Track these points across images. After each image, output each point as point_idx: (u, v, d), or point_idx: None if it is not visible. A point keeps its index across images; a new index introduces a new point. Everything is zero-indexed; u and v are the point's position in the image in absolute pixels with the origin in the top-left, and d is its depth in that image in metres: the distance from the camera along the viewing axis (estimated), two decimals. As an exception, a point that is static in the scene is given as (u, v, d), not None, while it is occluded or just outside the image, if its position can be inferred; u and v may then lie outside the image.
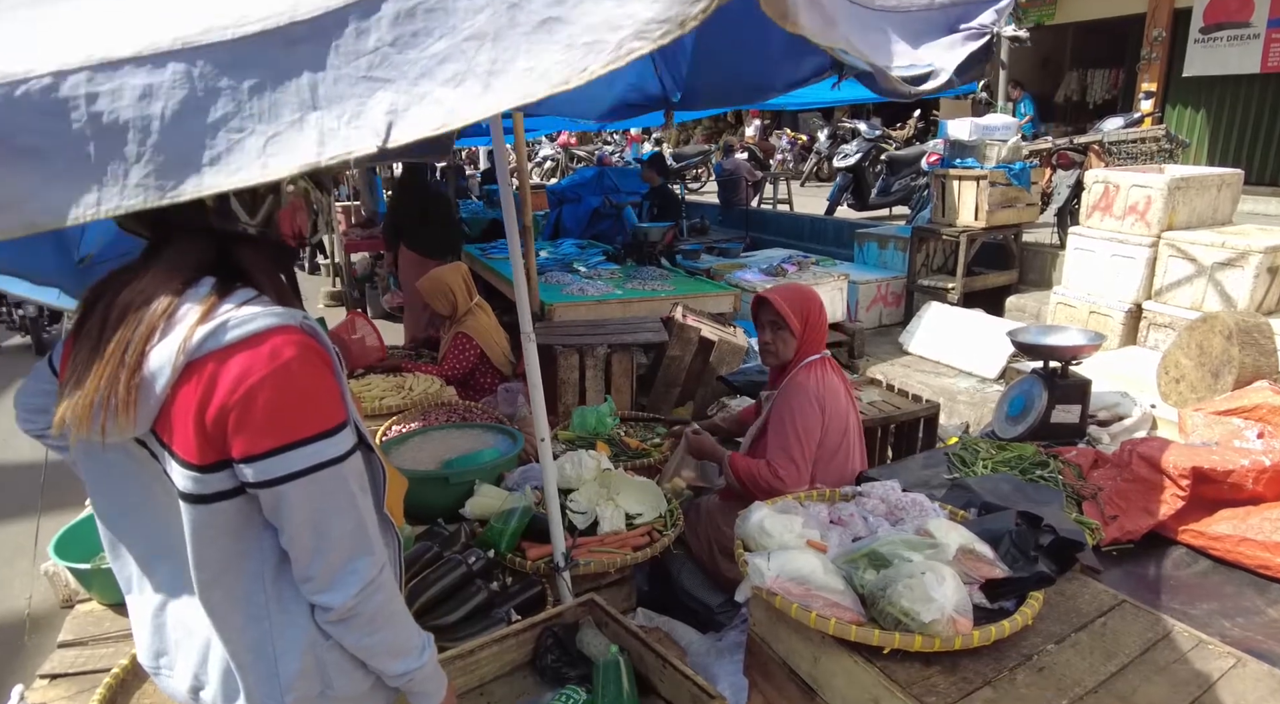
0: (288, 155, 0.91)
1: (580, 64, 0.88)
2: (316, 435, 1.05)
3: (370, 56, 0.91)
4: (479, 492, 2.61)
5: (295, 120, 0.91)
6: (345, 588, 1.10)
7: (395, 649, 1.20)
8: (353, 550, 1.10)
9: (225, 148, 0.90)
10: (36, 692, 1.99)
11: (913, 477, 2.52)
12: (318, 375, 1.06)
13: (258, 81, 0.91)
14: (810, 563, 1.64)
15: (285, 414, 1.03)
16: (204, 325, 1.02)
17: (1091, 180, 5.50)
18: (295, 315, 1.08)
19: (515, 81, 0.90)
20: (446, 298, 4.17)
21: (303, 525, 1.06)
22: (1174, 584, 1.98)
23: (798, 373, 2.62)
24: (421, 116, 0.91)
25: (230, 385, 1.00)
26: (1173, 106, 9.79)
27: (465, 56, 0.90)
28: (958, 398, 5.11)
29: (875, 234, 7.77)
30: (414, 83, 0.91)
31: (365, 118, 0.91)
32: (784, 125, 15.48)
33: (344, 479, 1.08)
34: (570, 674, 1.88)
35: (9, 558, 3.85)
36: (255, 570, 1.12)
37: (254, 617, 1.13)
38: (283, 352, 1.03)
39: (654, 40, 0.86)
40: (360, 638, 1.15)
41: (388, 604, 1.16)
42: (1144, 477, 2.18)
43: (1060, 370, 2.83)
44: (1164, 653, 1.61)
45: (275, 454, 1.02)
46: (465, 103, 0.90)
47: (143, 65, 0.90)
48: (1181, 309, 4.90)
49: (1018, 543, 1.77)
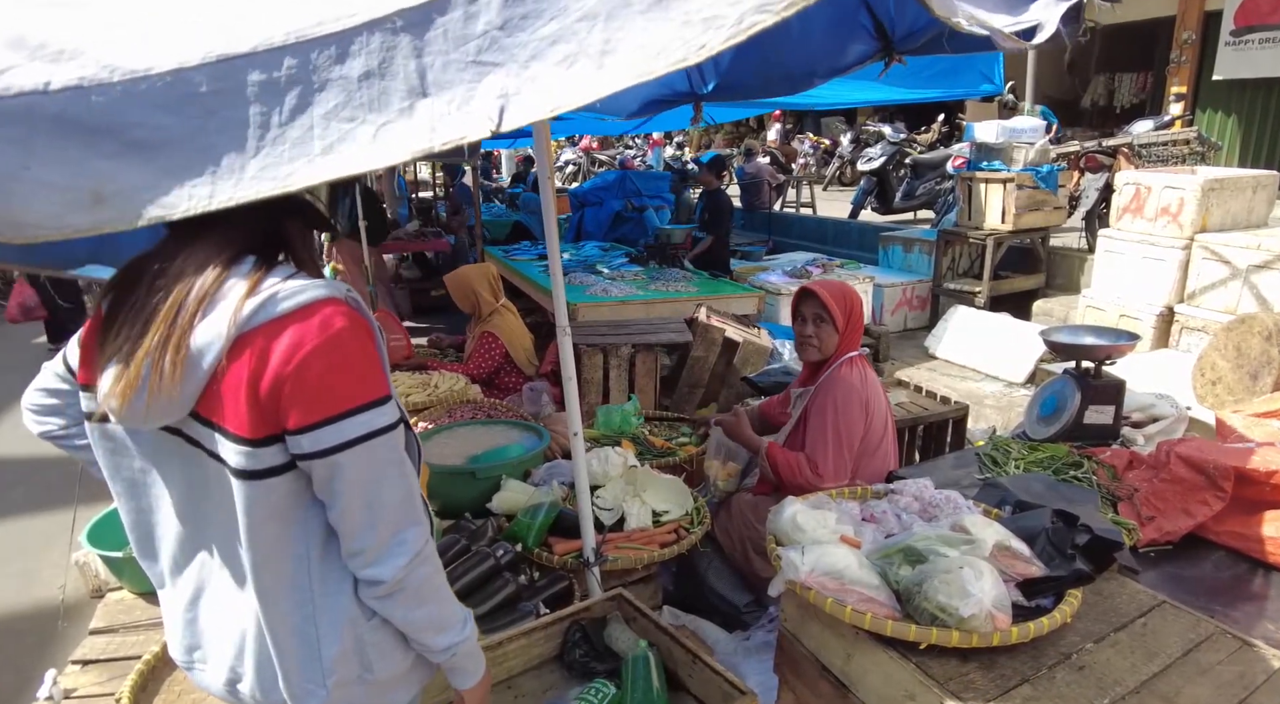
0: (399, 142, 0.91)
1: (698, 40, 0.87)
2: (369, 404, 1.06)
3: (479, 41, 0.91)
4: (505, 487, 2.61)
5: (405, 108, 0.92)
6: (396, 559, 1.10)
7: (441, 623, 1.20)
8: (403, 520, 1.10)
9: (338, 137, 0.92)
10: (69, 677, 2.01)
11: (943, 476, 2.48)
12: (366, 346, 1.07)
13: (367, 71, 0.92)
14: (845, 558, 1.62)
15: (339, 383, 1.03)
16: (253, 298, 1.02)
17: (1122, 182, 5.43)
18: (340, 287, 1.08)
19: (630, 60, 0.89)
20: (469, 296, 4.19)
21: (355, 496, 1.06)
22: (1215, 586, 1.94)
23: (839, 368, 2.60)
24: (534, 99, 0.91)
25: (284, 356, 1.00)
26: (1203, 110, 9.65)
27: (577, 37, 0.90)
28: (984, 402, 5.05)
29: (900, 237, 7.72)
30: (524, 66, 0.91)
31: (476, 103, 0.91)
32: (806, 129, 15.43)
33: (395, 448, 1.10)
34: (598, 669, 1.87)
35: (43, 547, 3.91)
36: (301, 552, 1.12)
37: (298, 600, 1.13)
38: (333, 322, 1.03)
39: (777, 13, 0.84)
40: (408, 611, 1.15)
41: (434, 576, 1.16)
42: (1183, 477, 2.14)
43: (1093, 370, 2.79)
44: (1207, 654, 1.57)
45: (330, 423, 1.03)
46: (578, 84, 0.90)
47: (259, 60, 0.92)
48: (1215, 312, 4.81)
49: (1054, 541, 1.74)
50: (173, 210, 0.92)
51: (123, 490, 1.19)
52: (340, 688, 1.16)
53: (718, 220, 7.20)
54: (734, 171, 11.96)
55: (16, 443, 5.16)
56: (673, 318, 4.69)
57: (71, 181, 0.91)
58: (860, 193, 9.77)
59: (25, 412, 1.31)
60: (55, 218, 0.91)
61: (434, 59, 0.92)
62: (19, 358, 7.63)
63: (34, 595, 3.49)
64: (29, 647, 3.12)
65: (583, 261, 6.67)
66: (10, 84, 0.90)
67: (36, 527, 4.13)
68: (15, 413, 4.75)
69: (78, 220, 0.91)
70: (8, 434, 5.34)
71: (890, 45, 2.47)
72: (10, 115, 0.90)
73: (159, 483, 1.15)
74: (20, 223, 0.91)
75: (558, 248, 2.16)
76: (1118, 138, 7.00)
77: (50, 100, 0.90)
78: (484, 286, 4.23)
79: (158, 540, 1.20)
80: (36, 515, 4.24)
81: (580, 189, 9.89)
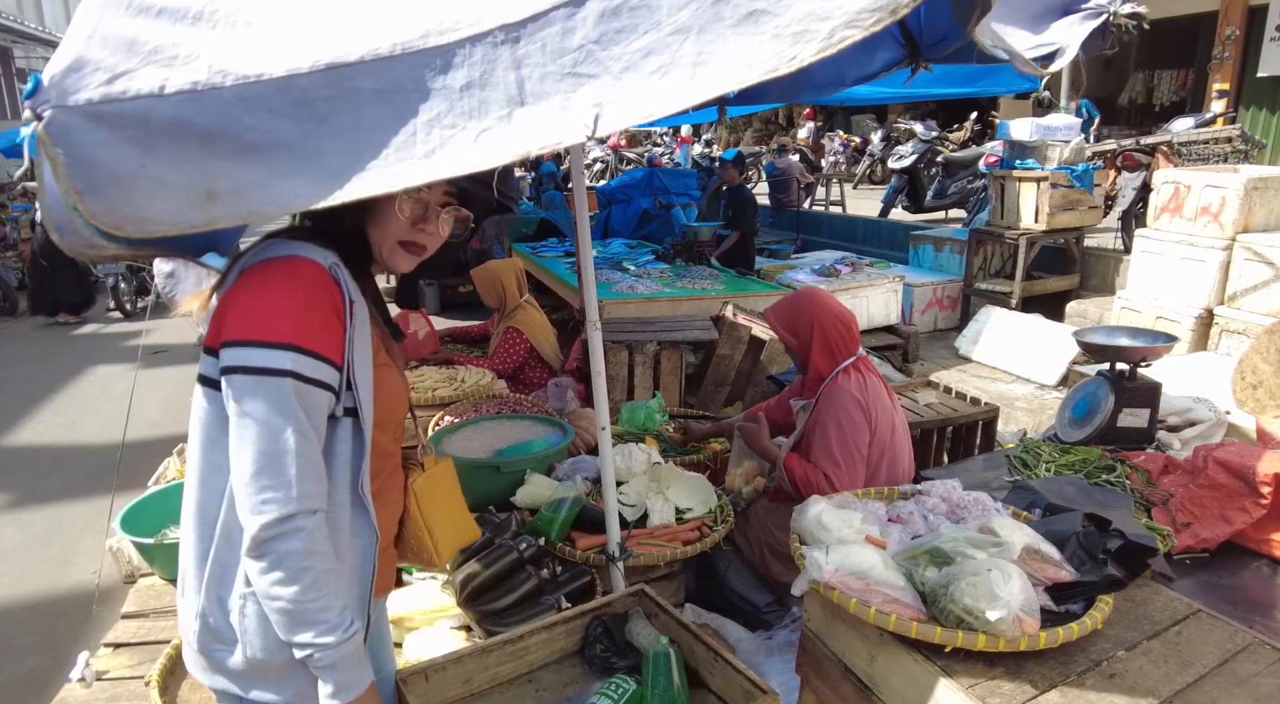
0: (499, 146, 0.97)
1: (789, 53, 0.91)
2: (284, 344, 1.10)
3: (575, 54, 0.97)
4: (529, 481, 2.62)
5: (504, 116, 0.98)
6: (256, 515, 1.08)
7: (302, 613, 1.12)
8: (274, 476, 1.09)
9: (439, 142, 0.98)
10: (101, 659, 2.06)
11: (972, 478, 2.45)
12: (314, 301, 1.15)
13: (468, 82, 0.98)
14: (870, 558, 1.60)
15: (264, 314, 1.12)
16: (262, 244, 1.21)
17: (1160, 181, 5.30)
18: (327, 257, 1.19)
19: (722, 71, 0.93)
20: (496, 290, 4.22)
21: (237, 427, 1.11)
22: (1253, 595, 1.89)
23: (836, 378, 2.55)
24: (627, 107, 0.96)
25: (243, 284, 1.16)
26: (1246, 107, 9.40)
27: (670, 50, 0.95)
28: (1015, 404, 4.97)
29: (931, 236, 7.62)
30: (618, 77, 0.96)
31: (572, 111, 0.96)
32: (836, 127, 15.29)
33: (292, 398, 1.10)
34: (619, 664, 1.87)
35: (80, 533, 4.00)
36: (220, 487, 1.17)
37: (205, 533, 1.18)
38: (295, 271, 1.16)
39: (866, 28, 0.89)
40: (270, 586, 1.11)
41: (307, 558, 1.11)
42: (1221, 483, 2.08)
43: (1128, 372, 2.73)
44: (1245, 665, 1.52)
45: (239, 345, 1.11)
46: (671, 93, 0.95)
47: (367, 69, 0.98)
48: (1257, 315, 4.68)
49: (1085, 545, 1.70)
50: (282, 208, 1.00)
51: None
52: (208, 636, 1.18)
53: (742, 216, 7.17)
54: (764, 168, 11.89)
55: (56, 431, 5.30)
56: (699, 315, 4.68)
57: (188, 180, 0.98)
58: (891, 191, 9.66)
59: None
60: (174, 214, 0.99)
61: (532, 71, 0.98)
62: (40, 349, 7.82)
63: (70, 579, 3.58)
64: (64, 629, 3.19)
65: (609, 259, 6.67)
66: (128, 88, 0.96)
67: (74, 512, 4.23)
68: (53, 402, 4.88)
69: (194, 216, 0.99)
70: (48, 421, 5.48)
71: (918, 52, 2.44)
72: (127, 117, 0.96)
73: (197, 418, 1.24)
74: (142, 218, 0.98)
75: (589, 244, 2.16)
76: (1156, 136, 6.85)
77: (165, 103, 0.97)
78: (511, 281, 4.26)
79: None
80: (74, 502, 4.34)
81: (608, 186, 9.88)
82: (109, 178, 0.96)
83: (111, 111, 0.95)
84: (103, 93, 0.95)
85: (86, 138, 0.95)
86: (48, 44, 21.29)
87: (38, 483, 4.63)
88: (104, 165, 0.95)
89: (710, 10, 0.93)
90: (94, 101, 0.95)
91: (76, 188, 0.95)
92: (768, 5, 0.92)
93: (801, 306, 2.66)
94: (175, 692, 1.87)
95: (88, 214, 0.96)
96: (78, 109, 0.95)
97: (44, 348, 7.78)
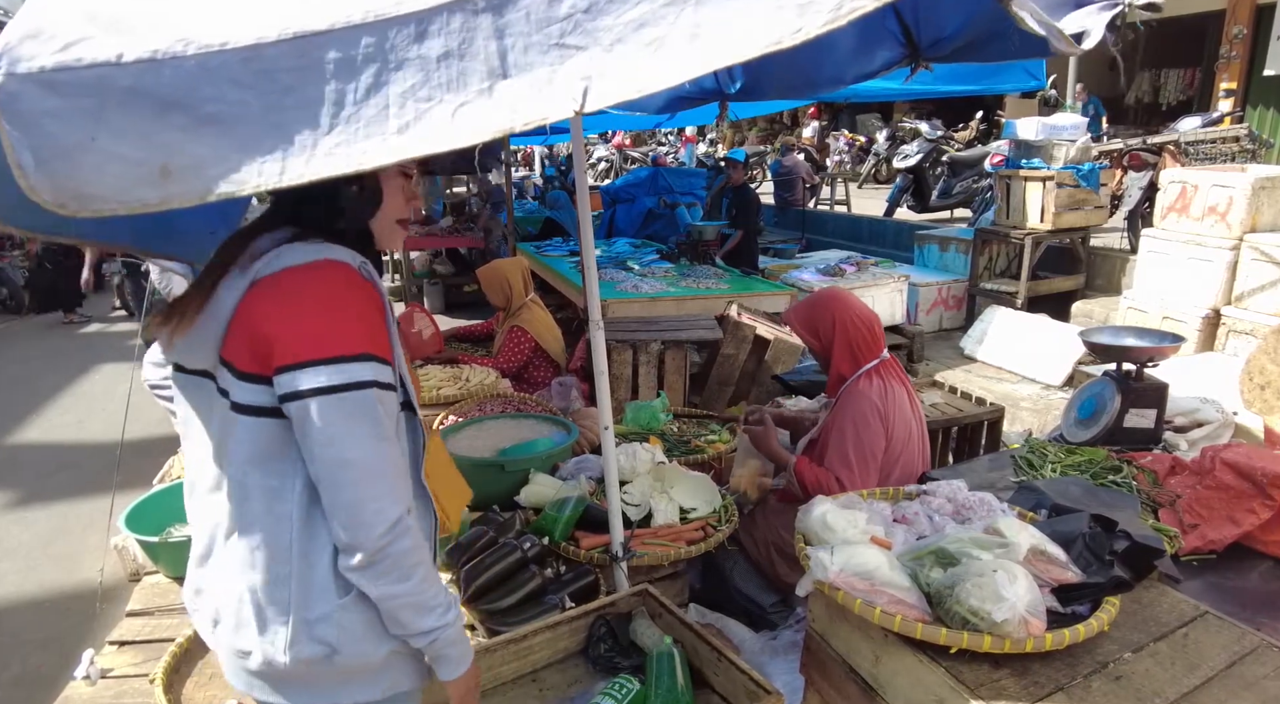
0: (479, 122, 0.91)
1: (794, 25, 0.86)
2: (347, 356, 1.07)
3: (562, 23, 0.91)
4: (534, 480, 2.62)
5: (484, 88, 0.92)
6: (372, 526, 1.09)
7: (421, 603, 1.16)
8: (377, 486, 1.10)
9: (414, 116, 0.92)
10: (106, 657, 2.06)
11: (978, 478, 2.44)
12: (361, 305, 1.12)
13: (446, 51, 0.92)
14: (875, 558, 1.59)
15: (322, 331, 1.07)
16: (274, 251, 1.11)
17: (1167, 180, 5.28)
18: (355, 257, 1.14)
19: (720, 44, 0.88)
20: (503, 289, 4.21)
21: (325, 447, 1.07)
22: (1261, 597, 1.88)
23: (858, 381, 2.52)
24: (618, 81, 0.90)
25: (279, 299, 1.08)
26: (1253, 106, 9.37)
27: (665, 21, 0.89)
28: (1020, 405, 4.95)
29: (936, 236, 7.60)
30: (608, 49, 0.90)
31: (558, 84, 0.90)
32: (841, 126, 15.27)
33: (371, 406, 1.09)
34: (623, 664, 1.86)
35: (85, 531, 4.01)
36: (284, 511, 1.14)
37: (278, 559, 1.14)
38: (333, 277, 1.10)
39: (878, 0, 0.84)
40: (386, 586, 1.13)
41: (415, 552, 1.14)
42: (1229, 484, 2.07)
43: (1135, 373, 2.72)
44: (1253, 668, 1.51)
45: (307, 366, 1.06)
46: (664, 67, 0.89)
47: (336, 38, 0.92)
48: (1265, 316, 4.66)
49: (1091, 546, 1.69)
50: (242, 186, 0.92)
51: (183, 434, 1.27)
52: (301, 661, 1.15)
53: (745, 215, 7.16)
54: (769, 167, 11.87)
55: (61, 429, 5.32)
56: (703, 315, 4.67)
57: (141, 155, 0.91)
58: (896, 190, 9.64)
59: (145, 364, 1.46)
60: (123, 190, 0.91)
61: (515, 40, 0.91)
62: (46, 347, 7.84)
63: (75, 577, 3.59)
64: (69, 627, 3.21)
65: (614, 258, 6.66)
66: (83, 55, 0.90)
67: (79, 510, 4.24)
68: (59, 401, 4.90)
69: (147, 194, 0.91)
70: (53, 420, 5.50)
71: (917, 52, 2.43)
72: (81, 86, 0.90)
73: (201, 430, 1.21)
74: (87, 195, 0.91)
75: (592, 244, 2.16)
76: (1163, 135, 6.82)
77: (122, 72, 0.90)
78: (517, 279, 4.25)
79: (195, 484, 1.25)
80: (79, 500, 4.35)
81: (612, 186, 9.89)
82: (56, 150, 0.89)
83: (65, 79, 0.89)
84: (56, 60, 0.90)
85: (36, 106, 0.89)
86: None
87: (43, 481, 4.64)
88: (52, 136, 0.89)
89: None
90: (47, 68, 0.89)
91: (20, 161, 0.88)
92: None
93: (823, 307, 2.61)
94: (180, 690, 1.87)
95: (28, 189, 0.89)
96: (30, 77, 0.89)
97: (49, 346, 7.81)
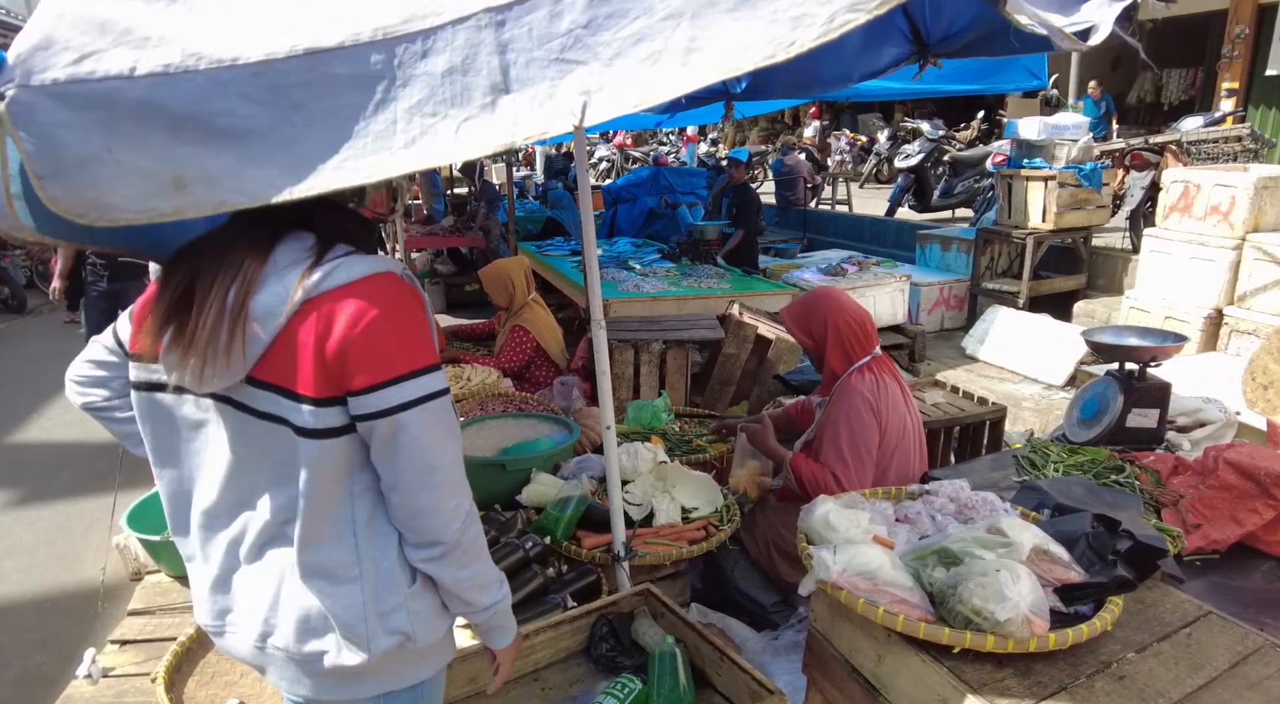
0: (481, 136, 0.94)
1: (787, 39, 0.88)
2: (427, 368, 1.12)
3: (563, 39, 0.94)
4: (535, 479, 2.62)
5: (487, 103, 0.94)
6: (452, 520, 1.15)
7: (484, 581, 1.24)
8: (457, 482, 1.16)
9: (420, 131, 0.94)
10: (107, 656, 2.06)
11: (980, 478, 2.43)
12: (420, 315, 1.14)
13: (450, 67, 0.95)
14: (878, 558, 1.59)
15: (402, 347, 1.09)
16: (319, 268, 1.07)
17: (1170, 180, 5.28)
18: (396, 264, 1.15)
19: (716, 58, 0.91)
20: (506, 289, 4.21)
21: (416, 456, 1.11)
22: (1265, 597, 1.87)
23: (851, 377, 2.53)
24: (617, 95, 0.93)
25: (350, 321, 1.05)
26: (1255, 106, 9.36)
27: (662, 35, 0.92)
28: (1022, 405, 4.95)
29: (938, 236, 7.60)
30: (608, 63, 0.93)
31: (559, 99, 0.93)
32: (843, 126, 15.26)
33: (449, 412, 1.16)
34: (625, 664, 1.86)
35: (87, 530, 4.02)
36: (348, 515, 1.16)
37: (346, 562, 1.16)
38: (394, 291, 1.10)
39: (869, 11, 0.86)
40: (458, 571, 1.19)
41: (480, 535, 1.22)
42: (1232, 484, 2.06)
43: (1137, 372, 2.71)
44: (1256, 668, 1.51)
45: (394, 383, 1.08)
46: (662, 80, 0.92)
47: (345, 55, 0.94)
48: (1268, 315, 4.66)
49: (1094, 546, 1.69)
50: (253, 198, 0.95)
51: (164, 460, 1.23)
52: (380, 654, 1.18)
53: (746, 214, 7.16)
54: (770, 167, 11.85)
55: (64, 428, 5.31)
56: (705, 314, 4.66)
57: (155, 166, 0.94)
58: (897, 190, 9.63)
59: (70, 383, 1.34)
60: (138, 200, 0.94)
61: (517, 56, 0.94)
62: (49, 346, 7.84)
63: (77, 577, 3.59)
64: (71, 626, 3.20)
65: (615, 258, 6.66)
66: (96, 68, 0.92)
67: (81, 510, 4.24)
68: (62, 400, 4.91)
69: (160, 204, 0.95)
70: (55, 419, 5.49)
71: (925, 49, 2.43)
72: (94, 98, 0.92)
73: (203, 450, 1.18)
74: (104, 204, 0.94)
75: (594, 243, 2.15)
76: (1165, 135, 6.81)
77: (134, 85, 0.92)
78: (520, 278, 4.25)
79: (194, 508, 1.22)
80: (81, 499, 4.35)
81: (614, 185, 9.88)
82: (74, 161, 0.92)
83: (78, 92, 0.92)
84: (69, 73, 0.92)
85: (50, 118, 0.91)
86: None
87: (45, 480, 4.64)
88: (68, 147, 0.92)
89: None
90: (60, 81, 0.92)
91: (38, 171, 0.91)
92: None
93: (817, 306, 2.63)
94: (181, 689, 1.87)
95: (48, 199, 0.92)
96: (42, 89, 0.91)
97: (51, 346, 7.81)
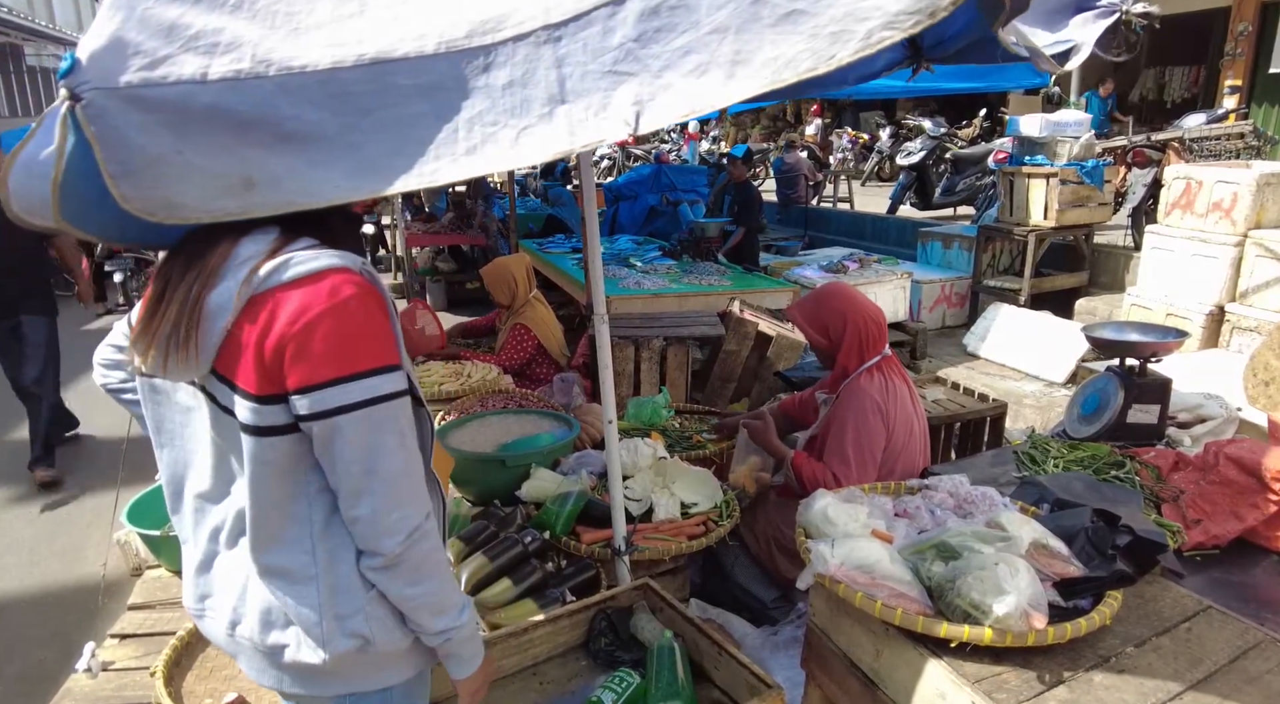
0: (539, 144, 0.99)
1: (827, 53, 0.92)
2: (372, 370, 1.07)
3: (615, 52, 0.99)
4: (535, 475, 2.62)
5: (545, 113, 1.00)
6: (394, 533, 1.10)
7: (437, 604, 1.18)
8: (403, 493, 1.11)
9: (481, 139, 1.00)
10: (107, 650, 2.06)
11: (980, 474, 2.43)
12: (374, 315, 1.09)
13: (510, 80, 1.00)
14: (876, 552, 1.59)
15: (343, 347, 1.05)
16: (268, 263, 1.05)
17: (1171, 176, 5.27)
18: (355, 260, 1.11)
19: (760, 70, 0.96)
20: (508, 287, 4.21)
21: (354, 461, 1.07)
22: (1265, 593, 1.87)
23: (860, 377, 2.51)
24: (667, 104, 0.98)
25: (290, 318, 1.03)
26: (1258, 104, 9.33)
27: (708, 48, 0.97)
28: (1024, 401, 4.94)
29: (939, 233, 7.58)
30: (657, 75, 0.98)
31: (613, 108, 0.99)
32: (844, 124, 15.24)
33: (396, 418, 1.10)
34: (623, 658, 1.86)
35: (88, 525, 4.02)
36: (303, 514, 1.14)
37: (302, 562, 1.14)
38: (342, 289, 1.06)
39: (904, 30, 0.90)
40: (403, 587, 1.15)
41: (432, 554, 1.16)
42: (1233, 479, 2.06)
43: (1138, 368, 2.71)
44: (1256, 663, 1.51)
45: (332, 385, 1.05)
46: (709, 90, 0.97)
47: (410, 66, 1.00)
48: (1269, 312, 4.65)
49: (1094, 540, 1.69)
50: (318, 200, 1.00)
51: (163, 442, 1.24)
52: (337, 656, 1.16)
53: (747, 212, 7.15)
54: (772, 164, 11.84)
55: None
56: (706, 311, 4.66)
57: (224, 167, 0.99)
58: (899, 188, 9.62)
59: (95, 366, 1.38)
60: (207, 200, 1.00)
61: (573, 69, 1.00)
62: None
63: (78, 571, 3.60)
64: (72, 620, 3.21)
65: (616, 255, 6.65)
66: (169, 73, 0.97)
67: (83, 505, 4.25)
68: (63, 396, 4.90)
69: (228, 204, 1.00)
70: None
71: (919, 53, 2.43)
72: (165, 102, 0.97)
73: (193, 437, 1.19)
74: (175, 204, 0.99)
75: (597, 239, 2.15)
76: (1167, 132, 6.80)
77: (206, 90, 0.97)
78: (522, 275, 4.25)
79: (185, 491, 1.24)
80: (83, 494, 4.36)
81: (615, 183, 9.86)
82: (143, 161, 0.96)
83: (151, 95, 0.96)
84: (143, 77, 0.96)
85: (121, 120, 0.95)
86: (58, 42, 21.41)
87: (47, 476, 4.65)
88: (140, 148, 0.96)
89: (749, 10, 0.95)
90: (134, 84, 0.96)
91: (111, 171, 0.95)
92: (806, 5, 0.93)
93: (833, 303, 2.58)
94: (180, 683, 1.87)
95: (120, 197, 0.96)
96: (116, 92, 0.95)
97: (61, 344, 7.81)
